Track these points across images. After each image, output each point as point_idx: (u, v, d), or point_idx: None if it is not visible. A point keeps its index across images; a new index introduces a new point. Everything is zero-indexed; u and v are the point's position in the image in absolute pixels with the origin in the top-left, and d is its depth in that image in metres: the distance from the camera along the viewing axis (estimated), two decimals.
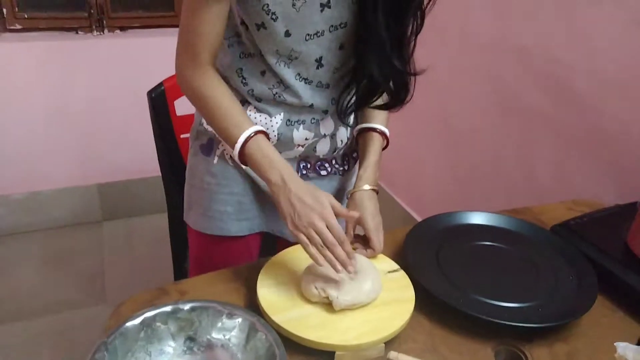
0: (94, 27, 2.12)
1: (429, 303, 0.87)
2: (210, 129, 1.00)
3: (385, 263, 0.95)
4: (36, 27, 2.07)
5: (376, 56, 0.89)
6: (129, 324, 0.71)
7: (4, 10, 2.00)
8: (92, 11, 2.10)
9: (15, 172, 2.24)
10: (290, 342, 0.78)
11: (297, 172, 1.04)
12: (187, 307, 0.75)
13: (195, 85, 0.90)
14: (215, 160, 1.01)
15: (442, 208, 2.02)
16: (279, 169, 0.86)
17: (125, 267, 2.19)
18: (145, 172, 2.40)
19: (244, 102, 0.96)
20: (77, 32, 2.11)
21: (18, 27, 2.04)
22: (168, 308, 0.75)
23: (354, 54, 0.93)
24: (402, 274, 0.92)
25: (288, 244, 1.01)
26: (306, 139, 0.99)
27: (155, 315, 0.73)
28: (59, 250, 2.26)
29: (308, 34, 0.87)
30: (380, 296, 0.87)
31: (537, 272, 0.94)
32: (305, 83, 0.94)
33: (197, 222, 1.05)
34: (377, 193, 1.02)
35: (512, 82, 1.68)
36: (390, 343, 0.80)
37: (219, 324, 0.76)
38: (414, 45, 0.91)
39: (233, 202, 1.02)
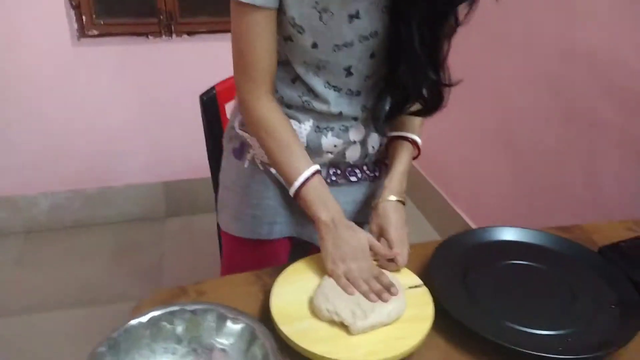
0: (163, 32, 2.23)
1: (449, 322, 0.82)
2: (242, 133, 1.01)
3: (408, 277, 0.91)
4: (111, 32, 2.19)
5: (410, 67, 0.87)
6: (134, 321, 0.73)
7: (83, 17, 2.14)
8: (161, 17, 2.20)
9: (90, 168, 2.39)
10: (297, 354, 0.77)
11: (327, 178, 1.03)
12: (192, 308, 0.76)
13: (259, 115, 0.90)
14: (246, 164, 1.02)
15: (503, 220, 1.93)
16: (332, 210, 0.88)
17: (182, 263, 2.27)
18: (208, 172, 2.48)
19: None
20: (147, 37, 2.22)
21: (95, 32, 2.18)
22: (175, 308, 0.75)
23: (385, 61, 0.90)
24: (424, 290, 0.87)
25: (319, 250, 0.99)
26: (335, 145, 0.98)
27: (161, 315, 0.74)
28: (125, 243, 2.39)
29: (336, 45, 0.86)
30: None
31: (573, 298, 0.86)
32: (335, 90, 0.92)
33: (227, 224, 1.07)
34: (404, 204, 0.98)
35: (579, 90, 1.56)
36: None
37: (224, 328, 0.75)
38: (448, 49, 0.87)
39: (262, 205, 1.02)
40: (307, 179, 0.88)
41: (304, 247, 1.11)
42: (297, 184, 0.88)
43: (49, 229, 2.42)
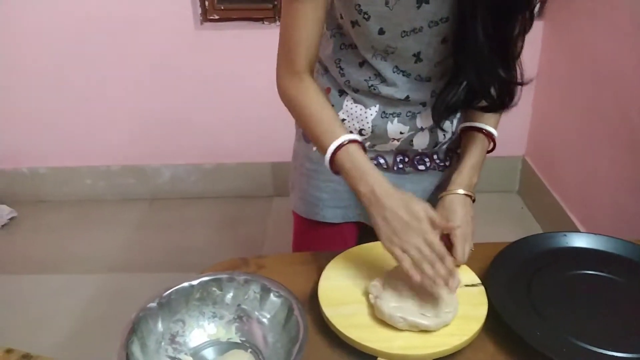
0: (277, 17, 2.31)
1: (502, 326, 0.77)
2: None
3: (467, 275, 0.86)
4: (230, 17, 2.33)
5: (474, 62, 0.81)
6: (186, 283, 0.79)
7: (206, 2, 2.30)
8: (275, 3, 2.29)
9: (206, 145, 2.57)
10: (338, 337, 0.77)
11: (394, 166, 1.01)
12: (241, 278, 0.80)
13: (290, 94, 0.88)
14: (314, 147, 1.03)
15: (616, 228, 1.74)
16: (370, 181, 0.80)
17: (281, 239, 2.36)
18: None
19: (342, 93, 0.96)
20: (262, 22, 2.33)
21: (216, 17, 2.34)
22: (224, 275, 0.80)
23: (457, 48, 0.85)
24: (480, 289, 0.83)
25: None
26: (401, 132, 0.95)
27: (209, 280, 0.80)
28: (233, 216, 2.55)
29: (404, 31, 0.83)
30: None
31: None
32: (404, 75, 0.90)
33: (296, 204, 1.10)
34: (474, 200, 0.93)
35: None
36: None
37: (267, 300, 0.78)
38: (522, 46, 0.81)
39: (328, 189, 1.03)
40: (340, 146, 0.81)
41: (373, 233, 1.10)
42: (329, 152, 0.82)
43: (170, 197, 2.66)
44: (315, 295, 0.83)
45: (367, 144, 0.98)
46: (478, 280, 0.85)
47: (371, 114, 0.95)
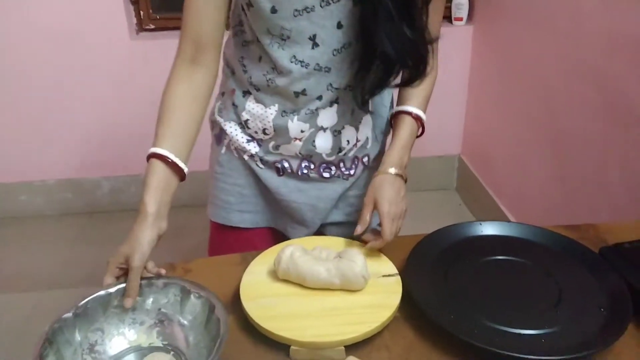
0: None
1: (421, 314, 0.80)
2: (219, 119, 1.03)
3: (385, 265, 0.89)
4: (166, 26, 2.32)
5: (385, 29, 0.82)
6: (102, 292, 0.78)
7: (141, 12, 2.28)
8: None
9: (146, 155, 2.52)
10: (260, 333, 0.78)
11: (298, 170, 1.01)
12: (160, 282, 0.80)
13: (166, 84, 0.92)
14: (223, 150, 1.03)
15: (545, 218, 1.82)
16: (145, 202, 0.89)
17: None
18: None
19: (246, 93, 0.97)
20: None
21: (151, 27, 2.31)
22: (142, 281, 0.79)
23: (356, 33, 0.87)
24: (397, 279, 0.86)
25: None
26: (302, 131, 0.95)
27: None
28: (176, 226, 2.45)
29: (296, 10, 0.84)
30: (362, 299, 0.82)
31: (559, 298, 0.80)
32: (302, 66, 0.89)
33: (208, 208, 1.10)
34: (405, 180, 0.95)
35: (625, 82, 1.44)
36: (360, 348, 0.76)
37: (188, 302, 0.79)
38: (426, 11, 0.84)
39: (235, 192, 1.04)
40: (150, 156, 0.89)
41: (288, 238, 1.07)
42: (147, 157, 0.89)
43: (110, 210, 2.60)
44: (239, 294, 0.84)
45: (272, 143, 0.98)
46: (395, 271, 0.87)
47: (271, 113, 0.95)
